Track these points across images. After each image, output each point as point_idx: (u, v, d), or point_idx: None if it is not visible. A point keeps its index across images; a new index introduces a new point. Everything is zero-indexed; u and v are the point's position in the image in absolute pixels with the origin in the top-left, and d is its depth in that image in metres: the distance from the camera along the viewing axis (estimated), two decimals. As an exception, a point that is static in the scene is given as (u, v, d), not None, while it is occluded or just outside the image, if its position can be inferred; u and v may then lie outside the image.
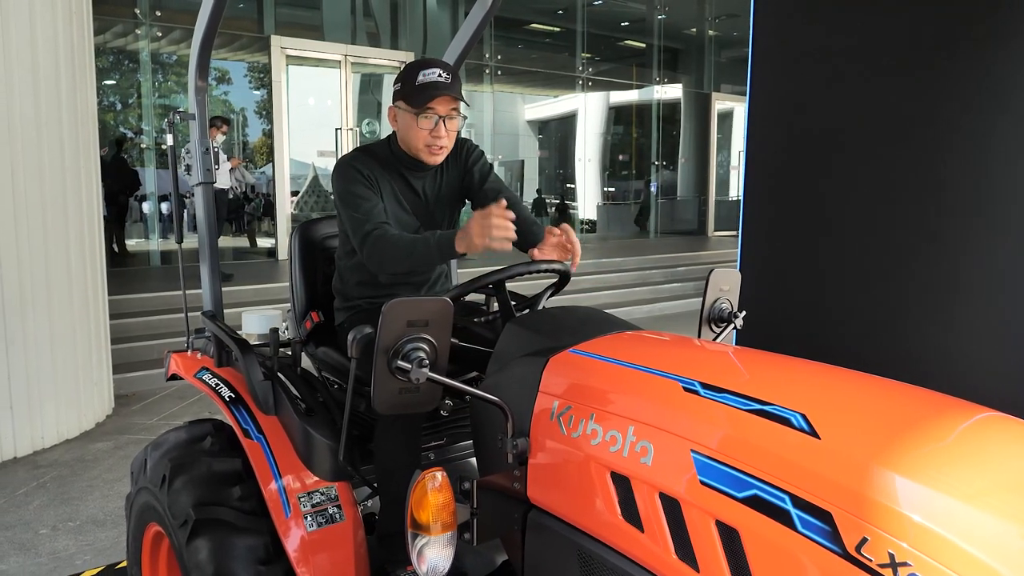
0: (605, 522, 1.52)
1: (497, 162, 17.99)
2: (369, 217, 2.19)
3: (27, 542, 3.83)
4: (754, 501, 1.27)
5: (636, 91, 19.10)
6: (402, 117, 2.30)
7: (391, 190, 2.33)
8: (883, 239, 3.39)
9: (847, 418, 1.32)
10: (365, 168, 2.28)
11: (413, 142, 2.29)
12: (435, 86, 2.22)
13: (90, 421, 5.54)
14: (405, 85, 2.27)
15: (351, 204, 2.21)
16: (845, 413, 1.34)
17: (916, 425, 1.29)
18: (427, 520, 1.56)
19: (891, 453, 1.20)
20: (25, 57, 4.83)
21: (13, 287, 4.83)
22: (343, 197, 2.23)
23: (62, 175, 5.17)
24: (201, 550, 2.04)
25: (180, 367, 2.60)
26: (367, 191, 2.24)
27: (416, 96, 2.23)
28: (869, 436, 1.25)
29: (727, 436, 1.36)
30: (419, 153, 2.30)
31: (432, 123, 2.25)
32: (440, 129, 2.26)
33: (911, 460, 1.19)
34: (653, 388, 1.53)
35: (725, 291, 2.23)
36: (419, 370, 1.56)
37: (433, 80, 2.23)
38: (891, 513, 1.13)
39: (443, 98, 2.24)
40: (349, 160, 2.32)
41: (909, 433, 1.26)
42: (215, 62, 15.19)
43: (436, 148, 2.29)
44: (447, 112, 2.26)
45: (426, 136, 2.26)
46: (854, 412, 1.34)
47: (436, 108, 2.24)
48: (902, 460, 1.19)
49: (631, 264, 12.10)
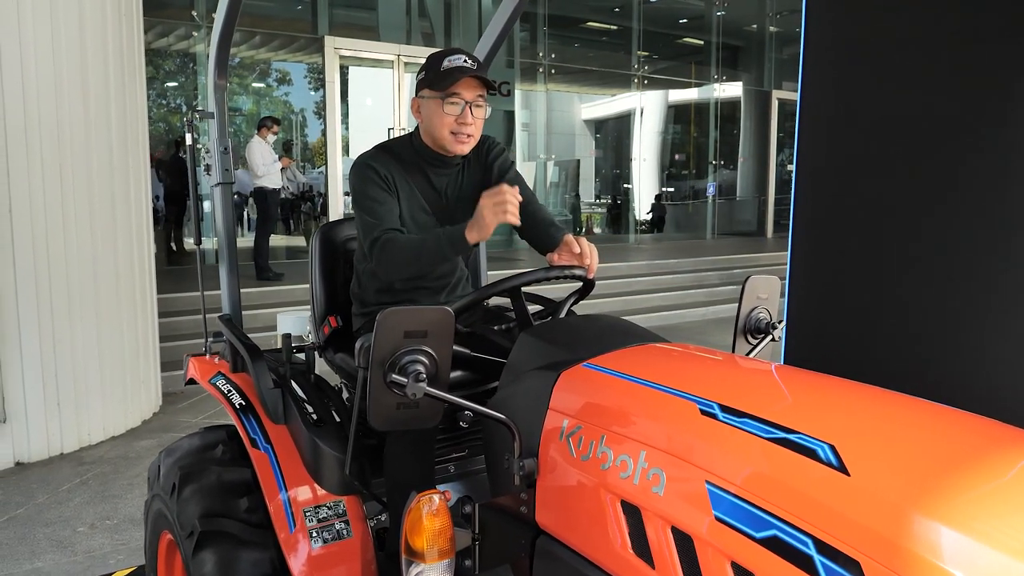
0: (615, 555, 1.39)
1: (552, 162, 17.88)
2: (381, 222, 2.09)
3: (65, 539, 3.85)
4: (773, 543, 1.12)
5: (694, 89, 18.77)
6: (426, 106, 2.19)
7: (410, 190, 2.23)
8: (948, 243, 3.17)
9: (882, 452, 1.16)
10: (383, 168, 2.19)
11: (438, 130, 2.18)
12: (461, 70, 2.12)
13: (136, 419, 5.60)
14: (429, 72, 2.17)
15: (364, 207, 2.11)
16: (881, 446, 1.18)
17: (965, 462, 1.12)
18: (422, 546, 1.45)
19: (932, 495, 1.04)
20: (74, 59, 4.88)
21: (61, 287, 4.89)
22: (357, 199, 2.13)
23: (110, 176, 5.23)
24: (206, 563, 1.97)
25: (196, 371, 2.54)
26: (382, 193, 2.14)
27: (441, 80, 2.13)
28: (907, 474, 1.09)
29: (746, 468, 1.21)
30: (444, 142, 2.19)
31: (459, 108, 2.14)
32: (467, 115, 2.15)
33: (956, 505, 1.02)
34: (668, 410, 1.38)
35: (763, 299, 2.07)
36: (416, 384, 1.45)
37: (459, 65, 2.13)
38: (928, 567, 0.97)
39: (469, 81, 2.13)
40: (367, 159, 2.22)
41: (956, 472, 1.09)
42: (275, 63, 15.44)
43: (463, 136, 2.18)
44: (473, 98, 2.15)
45: (452, 123, 2.15)
46: (892, 445, 1.18)
47: (462, 93, 2.13)
48: (945, 504, 1.02)
49: (686, 266, 11.84)
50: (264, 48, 14.00)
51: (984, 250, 3.04)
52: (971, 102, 3.07)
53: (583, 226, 19.27)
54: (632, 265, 11.58)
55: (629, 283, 10.67)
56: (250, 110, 15.78)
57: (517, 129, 16.25)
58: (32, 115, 4.66)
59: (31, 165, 4.67)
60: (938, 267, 3.19)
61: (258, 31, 13.09)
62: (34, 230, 4.72)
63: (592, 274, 1.97)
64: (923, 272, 3.23)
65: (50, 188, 4.78)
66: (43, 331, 4.80)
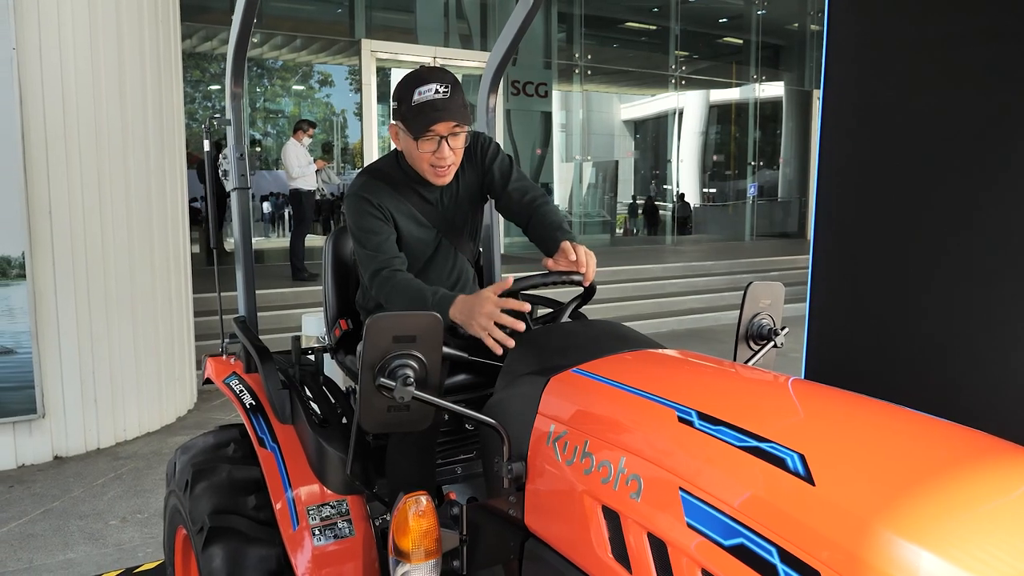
0: (596, 560, 1.41)
1: (589, 163, 17.84)
2: (378, 253, 2.09)
3: (97, 532, 3.97)
4: (740, 551, 1.13)
5: (732, 89, 18.57)
6: (403, 138, 2.15)
7: (405, 210, 2.22)
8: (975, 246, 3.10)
9: (851, 462, 1.16)
10: (374, 197, 2.16)
11: (416, 163, 2.16)
12: (432, 107, 2.03)
13: (171, 415, 5.74)
14: (402, 104, 2.08)
15: (361, 240, 2.13)
16: (851, 456, 1.18)
17: (935, 475, 1.11)
18: (408, 547, 1.48)
19: (895, 508, 1.04)
20: (112, 64, 5.03)
21: (98, 287, 5.03)
22: (354, 232, 2.15)
23: (147, 178, 5.36)
24: (215, 558, 2.03)
25: (213, 371, 2.61)
26: (377, 223, 2.13)
27: (414, 121, 2.06)
28: (873, 485, 1.09)
29: (717, 475, 1.22)
30: (424, 175, 2.17)
31: (434, 145, 2.08)
32: (443, 150, 2.08)
33: (918, 518, 1.02)
34: (648, 416, 1.40)
35: (766, 306, 2.05)
36: (404, 388, 1.48)
37: (430, 99, 2.03)
38: (885, 579, 0.97)
39: (443, 123, 2.06)
40: (357, 191, 2.19)
41: (923, 485, 1.08)
42: (317, 66, 15.66)
43: (441, 169, 2.14)
44: (449, 131, 2.07)
45: (429, 157, 2.10)
46: (862, 455, 1.18)
47: (436, 128, 2.06)
48: (907, 517, 1.02)
49: (721, 268, 11.73)
50: (305, 51, 14.22)
51: (1015, 252, 2.97)
52: (998, 101, 3.02)
53: (621, 227, 19.20)
54: (666, 267, 11.51)
55: (663, 285, 10.61)
56: (292, 112, 16.03)
57: (554, 130, 16.27)
58: (71, 119, 4.80)
59: (70, 168, 4.82)
60: (965, 272, 3.13)
61: (298, 35, 13.30)
62: (72, 231, 4.86)
63: (588, 281, 1.96)
64: (949, 276, 3.17)
65: (88, 190, 4.93)
66: (81, 329, 4.94)
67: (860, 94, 3.44)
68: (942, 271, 3.17)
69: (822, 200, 3.60)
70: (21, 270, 4.63)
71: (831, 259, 3.57)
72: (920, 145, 3.24)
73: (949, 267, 3.14)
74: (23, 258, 4.62)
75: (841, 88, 3.48)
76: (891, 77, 3.31)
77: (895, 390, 3.30)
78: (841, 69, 3.46)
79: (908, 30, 3.26)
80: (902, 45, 3.28)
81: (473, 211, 2.36)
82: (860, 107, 3.44)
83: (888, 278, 3.35)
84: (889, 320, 3.33)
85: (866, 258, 3.44)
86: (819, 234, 3.60)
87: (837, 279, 3.55)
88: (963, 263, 3.12)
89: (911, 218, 3.28)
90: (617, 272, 10.79)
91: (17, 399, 4.69)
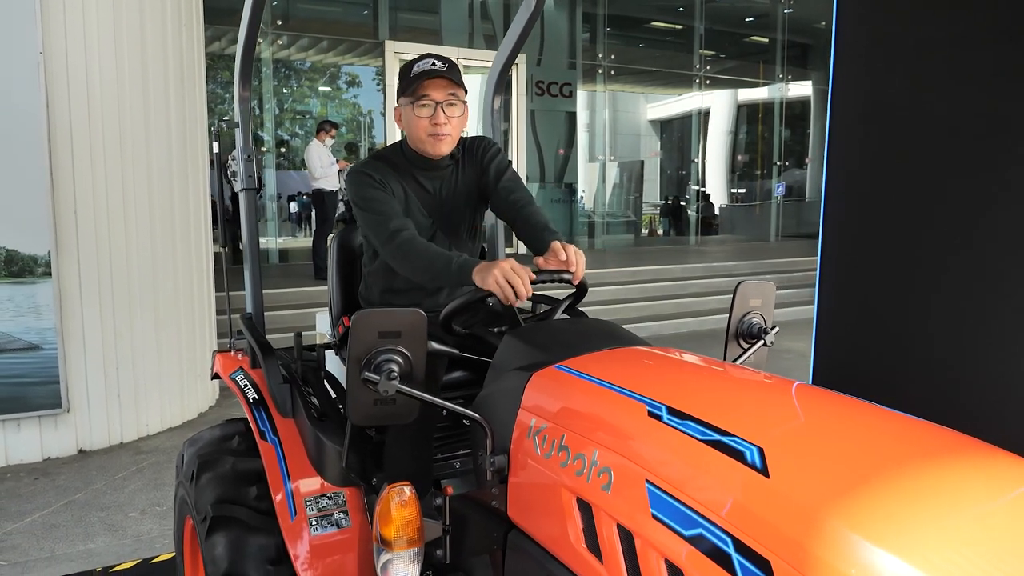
0: (571, 550, 1.45)
1: (613, 163, 17.82)
2: (389, 216, 2.17)
3: (116, 524, 4.08)
4: (699, 541, 1.16)
5: (758, 89, 18.44)
6: (404, 113, 2.28)
7: (404, 194, 2.30)
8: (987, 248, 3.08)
9: (809, 456, 1.18)
10: (377, 173, 2.27)
11: (415, 132, 2.26)
12: (428, 73, 2.19)
13: (193, 411, 5.85)
14: (402, 81, 2.25)
15: (367, 207, 2.20)
16: (809, 450, 1.20)
17: (892, 469, 1.13)
18: (391, 535, 1.53)
19: (846, 500, 1.06)
20: (136, 68, 5.15)
21: (122, 284, 5.16)
22: (358, 203, 2.22)
23: (169, 179, 5.48)
24: (217, 546, 2.09)
25: (220, 366, 2.68)
26: (380, 193, 2.22)
27: (411, 86, 2.21)
28: (826, 479, 1.12)
29: (680, 468, 1.25)
30: (423, 144, 2.26)
31: (430, 110, 2.21)
32: (439, 115, 2.21)
33: (868, 511, 1.05)
34: (619, 411, 1.43)
35: (756, 306, 2.08)
36: (388, 382, 1.53)
37: (427, 68, 2.20)
38: (830, 570, 1.00)
39: (437, 82, 2.20)
40: (360, 167, 2.31)
41: (878, 478, 1.11)
42: (344, 67, 15.83)
43: (440, 136, 2.24)
44: (444, 98, 2.21)
45: (426, 124, 2.22)
46: (820, 449, 1.20)
47: (432, 95, 2.20)
48: (856, 509, 1.05)
49: (744, 268, 11.68)
50: (331, 53, 14.37)
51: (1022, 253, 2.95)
52: (1006, 102, 3.00)
53: (647, 227, 19.15)
54: (687, 267, 11.48)
55: (684, 286, 10.59)
56: (320, 112, 16.22)
57: (579, 130, 16.28)
58: (96, 122, 4.93)
59: (94, 169, 4.94)
60: (974, 274, 3.11)
61: (324, 37, 13.45)
62: (97, 230, 4.99)
63: (578, 280, 2.00)
64: (958, 279, 3.16)
65: (112, 191, 5.05)
66: (104, 326, 5.07)
67: (868, 95, 3.43)
68: (951, 273, 3.16)
69: (830, 202, 3.60)
70: (47, 268, 4.76)
71: (839, 262, 3.57)
72: (928, 147, 3.23)
73: (958, 269, 3.13)
74: (49, 256, 4.76)
75: (849, 89, 3.48)
76: (899, 78, 3.30)
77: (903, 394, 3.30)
78: (849, 70, 3.46)
79: (916, 31, 3.25)
80: (910, 46, 3.27)
81: (471, 210, 2.41)
82: (868, 108, 3.44)
83: (896, 280, 3.34)
84: (897, 323, 3.32)
85: (874, 261, 3.43)
86: (827, 236, 3.60)
87: (845, 282, 3.55)
88: (972, 265, 3.10)
89: (919, 220, 3.26)
90: (637, 272, 10.79)
91: (43, 394, 4.82)
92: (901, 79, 3.30)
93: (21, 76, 4.58)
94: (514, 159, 13.33)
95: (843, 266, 3.55)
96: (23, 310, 4.76)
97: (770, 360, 2.20)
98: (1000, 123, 3.01)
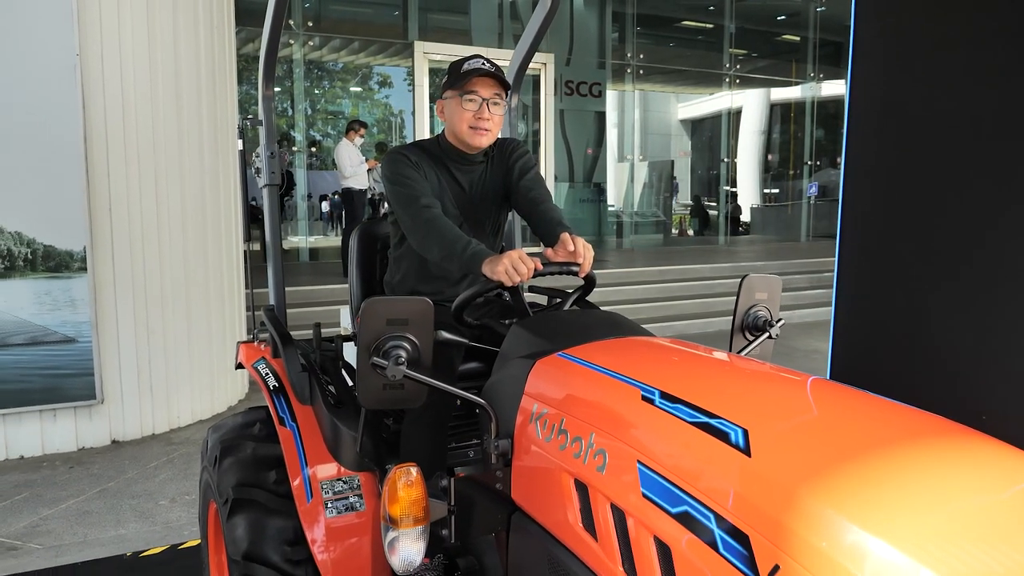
0: (569, 529, 1.50)
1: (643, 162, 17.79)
2: (420, 193, 2.27)
3: (147, 511, 4.20)
4: (684, 518, 1.22)
5: (791, 88, 18.28)
6: (448, 105, 2.39)
7: (437, 181, 2.41)
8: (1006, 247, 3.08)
9: (790, 437, 1.23)
10: (414, 156, 2.39)
11: (458, 125, 2.37)
12: (479, 71, 2.32)
13: (223, 404, 5.99)
14: (451, 76, 2.38)
15: (400, 183, 2.30)
16: (791, 432, 1.25)
17: (870, 450, 1.17)
18: (397, 514, 1.59)
19: (822, 478, 1.11)
20: (168, 69, 5.29)
21: (155, 281, 5.30)
22: (392, 178, 2.32)
23: (200, 178, 5.62)
24: (237, 527, 2.18)
25: (244, 356, 2.78)
26: (415, 173, 2.34)
27: (460, 81, 2.34)
28: (805, 458, 1.16)
29: (668, 448, 1.30)
30: (464, 135, 2.37)
31: (476, 105, 2.34)
32: (484, 111, 2.34)
33: (843, 488, 1.09)
34: (615, 395, 1.49)
35: (762, 299, 2.11)
36: (396, 367, 1.59)
37: (477, 67, 2.33)
38: (804, 543, 1.04)
39: (486, 80, 2.33)
40: (399, 148, 2.44)
41: (855, 459, 1.15)
42: (376, 68, 15.99)
43: (481, 130, 2.37)
44: (490, 96, 2.35)
45: (471, 118, 2.34)
46: (804, 431, 1.25)
47: (479, 91, 2.34)
48: (831, 487, 1.09)
49: (772, 269, 11.61)
50: (362, 53, 14.54)
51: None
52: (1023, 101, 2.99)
53: (677, 227, 19.09)
54: (715, 267, 11.45)
55: (711, 285, 10.56)
56: (352, 112, 16.41)
57: (608, 129, 16.29)
58: (130, 122, 5.08)
59: (128, 168, 5.09)
60: (992, 272, 3.11)
61: (355, 38, 13.61)
62: (131, 228, 5.14)
63: (584, 272, 2.05)
64: (976, 277, 3.15)
65: (145, 189, 5.20)
66: (138, 321, 5.21)
67: (885, 94, 3.44)
68: (968, 271, 3.15)
69: (847, 201, 3.60)
70: (83, 263, 4.91)
71: (857, 260, 3.57)
72: (946, 145, 3.23)
73: (975, 267, 3.13)
74: (84, 252, 4.91)
75: (866, 88, 3.48)
76: (916, 77, 3.30)
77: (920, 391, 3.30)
78: (866, 69, 3.46)
79: (933, 30, 3.25)
80: (927, 45, 3.27)
81: (496, 207, 2.51)
82: (885, 107, 3.44)
83: (913, 279, 3.35)
84: (914, 321, 3.32)
85: (892, 259, 3.43)
86: (845, 235, 3.61)
87: (863, 280, 3.55)
88: (989, 263, 3.10)
89: (937, 219, 3.26)
90: (664, 272, 10.79)
91: (78, 385, 4.97)
92: (918, 78, 3.30)
93: (58, 78, 4.73)
94: (543, 159, 13.38)
95: (861, 264, 3.55)
96: (60, 304, 4.92)
97: (796, 360, 2.24)
98: (1018, 122, 3.00)
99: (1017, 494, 1.13)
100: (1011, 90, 3.02)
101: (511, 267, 1.94)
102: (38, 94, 4.71)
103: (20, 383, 4.84)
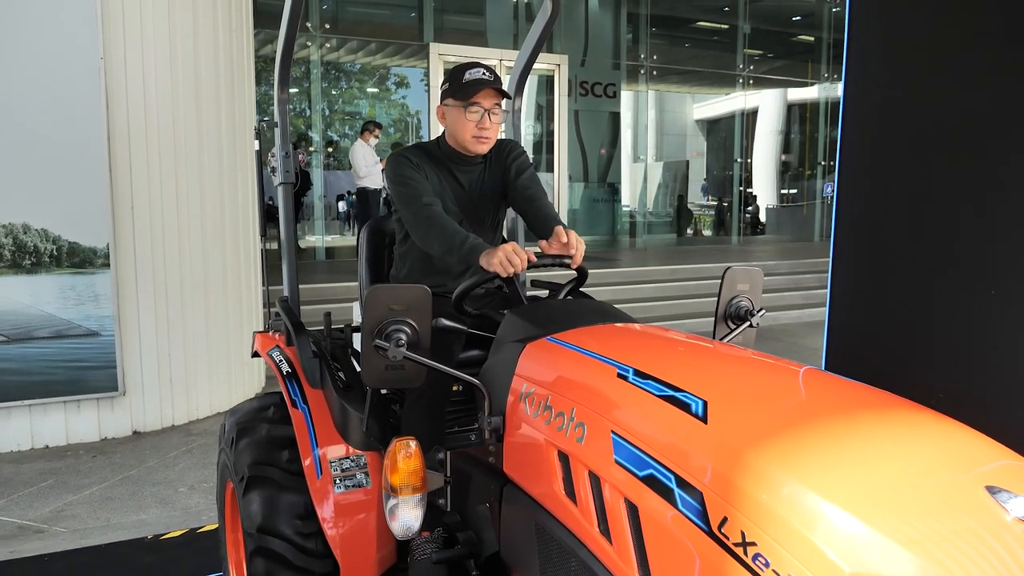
0: (554, 497, 1.63)
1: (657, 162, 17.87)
2: (421, 192, 2.41)
3: (167, 497, 4.38)
4: (650, 480, 1.35)
5: (804, 88, 18.29)
6: (450, 113, 2.52)
7: (438, 181, 2.54)
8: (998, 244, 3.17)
9: (744, 407, 1.36)
10: (415, 158, 2.53)
11: (461, 134, 2.50)
12: (480, 82, 2.44)
13: (240, 396, 6.15)
14: (452, 84, 2.49)
15: (402, 183, 2.44)
16: (746, 403, 1.38)
17: (815, 418, 1.31)
18: (397, 483, 1.73)
19: (768, 441, 1.24)
20: (189, 71, 5.47)
21: (175, 278, 5.49)
22: (395, 179, 2.46)
23: (219, 177, 5.80)
24: (252, 502, 2.33)
25: (259, 344, 2.94)
26: (416, 174, 2.47)
27: (463, 91, 2.44)
28: (753, 425, 1.29)
29: (638, 419, 1.44)
30: (467, 143, 2.51)
31: (478, 116, 2.46)
32: (485, 121, 2.47)
33: (783, 450, 1.22)
34: (594, 373, 1.62)
35: (744, 290, 2.24)
36: (396, 349, 1.74)
37: (478, 77, 2.45)
38: (746, 496, 1.18)
39: (487, 92, 2.45)
40: (401, 151, 2.58)
41: (801, 425, 1.28)
42: (393, 69, 16.16)
43: (483, 138, 2.50)
44: (491, 106, 2.46)
45: (473, 128, 2.47)
46: (758, 402, 1.38)
47: (481, 102, 2.45)
48: (774, 449, 1.22)
49: (783, 268, 11.69)
50: (379, 55, 14.71)
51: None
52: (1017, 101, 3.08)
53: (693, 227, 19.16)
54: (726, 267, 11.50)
55: (721, 284, 10.63)
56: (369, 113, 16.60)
57: (623, 130, 16.39)
58: (152, 122, 5.26)
59: (150, 167, 5.28)
60: (984, 268, 3.20)
61: (371, 39, 13.79)
62: (152, 225, 5.32)
63: (576, 264, 2.19)
64: (968, 272, 3.25)
65: (166, 188, 5.38)
66: (158, 315, 5.40)
67: (880, 94, 3.54)
68: (960, 268, 3.25)
69: (842, 197, 3.70)
70: (106, 260, 5.10)
71: (851, 256, 3.67)
72: (939, 144, 3.32)
73: (968, 264, 3.22)
74: (107, 249, 5.10)
75: (861, 88, 3.58)
76: (911, 78, 3.40)
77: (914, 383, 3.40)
78: (861, 70, 3.57)
79: (928, 31, 3.35)
80: (922, 46, 3.37)
81: (495, 205, 2.65)
82: (880, 107, 3.54)
83: (907, 274, 3.45)
84: (909, 317, 3.42)
85: (885, 255, 3.53)
86: (839, 231, 3.70)
87: (857, 276, 3.66)
88: (981, 260, 3.19)
89: (930, 216, 3.36)
90: (676, 271, 10.88)
91: (101, 378, 5.16)
92: (913, 78, 3.40)
93: (83, 80, 4.92)
94: (556, 159, 13.51)
95: (855, 262, 3.65)
96: (83, 299, 5.11)
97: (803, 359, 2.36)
98: (1011, 121, 3.09)
99: (950, 460, 1.26)
100: (1002, 90, 3.11)
101: (505, 259, 2.09)
102: (63, 96, 4.90)
103: (45, 375, 5.04)
